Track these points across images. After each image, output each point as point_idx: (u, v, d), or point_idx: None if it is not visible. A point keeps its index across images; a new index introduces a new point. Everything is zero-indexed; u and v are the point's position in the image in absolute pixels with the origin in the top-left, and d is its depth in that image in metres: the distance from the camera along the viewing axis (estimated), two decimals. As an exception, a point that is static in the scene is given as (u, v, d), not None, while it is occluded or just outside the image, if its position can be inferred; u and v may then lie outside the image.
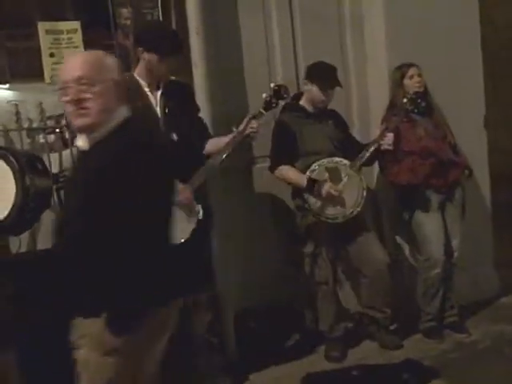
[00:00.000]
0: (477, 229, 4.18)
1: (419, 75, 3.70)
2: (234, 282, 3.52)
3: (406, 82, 3.70)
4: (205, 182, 3.06)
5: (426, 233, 3.68)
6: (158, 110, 3.05)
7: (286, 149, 3.47)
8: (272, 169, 3.50)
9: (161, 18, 3.50)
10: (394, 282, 3.65)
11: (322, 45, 3.94)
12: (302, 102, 3.58)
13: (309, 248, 3.50)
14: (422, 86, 3.68)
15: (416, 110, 3.49)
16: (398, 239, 4.05)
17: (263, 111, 3.10)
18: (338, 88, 3.56)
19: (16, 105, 3.12)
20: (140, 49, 3.01)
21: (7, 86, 3.21)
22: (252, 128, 3.06)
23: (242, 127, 3.07)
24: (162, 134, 3.00)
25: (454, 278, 3.79)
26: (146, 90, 3.07)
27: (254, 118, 3.10)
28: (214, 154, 3.09)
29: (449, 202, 3.74)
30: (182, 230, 2.91)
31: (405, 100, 3.51)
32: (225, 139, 3.10)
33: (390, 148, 3.45)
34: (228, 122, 3.56)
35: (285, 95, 3.10)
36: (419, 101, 3.49)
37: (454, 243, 3.77)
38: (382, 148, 3.45)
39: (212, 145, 3.16)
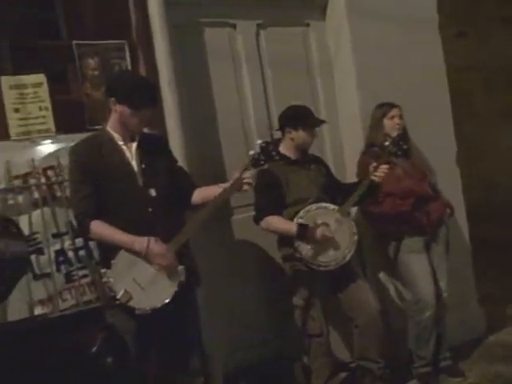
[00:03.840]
0: (458, 266, 4.13)
1: (400, 117, 3.68)
2: (221, 341, 3.33)
3: (386, 122, 3.67)
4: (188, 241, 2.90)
5: (413, 274, 3.59)
6: (133, 164, 2.89)
7: (271, 199, 3.35)
8: (257, 220, 3.36)
9: (129, 68, 3.34)
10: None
11: (292, 90, 3.89)
12: (281, 150, 3.47)
13: (299, 299, 3.35)
14: (401, 128, 3.65)
15: (399, 153, 3.43)
16: (383, 279, 3.94)
17: (251, 168, 2.91)
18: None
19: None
20: (112, 100, 2.86)
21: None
22: (247, 179, 2.86)
23: (232, 182, 2.88)
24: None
25: (445, 320, 3.70)
26: (120, 143, 2.90)
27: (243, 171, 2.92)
28: (203, 204, 2.93)
29: (433, 241, 3.67)
30: (163, 292, 2.76)
31: (387, 143, 3.45)
32: (211, 190, 2.93)
33: (380, 180, 3.35)
34: (203, 171, 3.47)
35: (273, 152, 2.93)
36: (401, 143, 3.44)
37: (442, 284, 3.69)
38: (376, 181, 3.35)
39: (200, 195, 2.99)
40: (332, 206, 3.36)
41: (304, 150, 3.49)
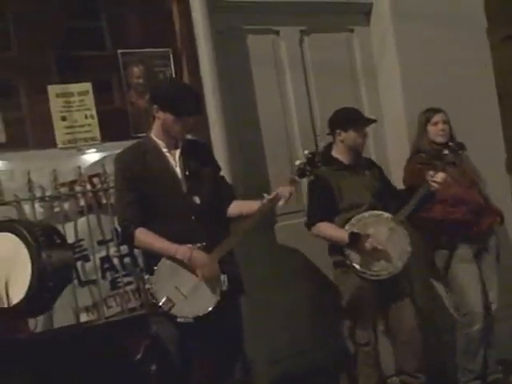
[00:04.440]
0: (508, 276, 3.99)
1: (444, 122, 3.59)
2: (264, 350, 3.30)
3: (430, 127, 3.60)
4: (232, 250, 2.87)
5: (462, 285, 3.50)
6: (177, 171, 2.88)
7: (323, 205, 3.30)
8: (309, 226, 3.32)
9: (174, 76, 3.36)
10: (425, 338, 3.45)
11: (336, 97, 3.83)
12: (334, 154, 3.42)
13: (348, 307, 3.29)
14: (445, 135, 3.57)
15: (457, 162, 3.37)
16: (438, 288, 3.84)
17: (297, 178, 2.87)
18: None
19: (28, 173, 2.93)
20: (155, 107, 2.86)
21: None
22: (288, 192, 2.80)
23: (272, 196, 2.82)
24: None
25: (494, 332, 3.59)
26: (164, 150, 2.89)
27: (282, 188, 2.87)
28: (238, 218, 2.91)
29: (484, 251, 3.58)
30: (205, 300, 2.74)
31: (446, 152, 3.37)
32: (250, 205, 2.89)
33: (439, 187, 3.28)
34: (247, 178, 3.49)
35: (318, 163, 2.89)
36: (460, 152, 3.40)
37: (491, 295, 3.59)
38: (433, 189, 3.28)
39: (237, 208, 2.95)
40: (386, 214, 3.29)
41: (356, 151, 3.43)
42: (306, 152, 2.91)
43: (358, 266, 3.21)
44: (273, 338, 3.45)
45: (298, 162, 2.89)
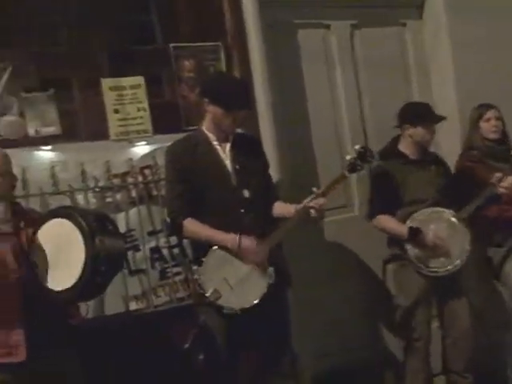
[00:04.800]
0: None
1: (497, 119, 3.52)
2: (311, 344, 3.29)
3: (482, 124, 3.53)
4: (280, 243, 2.89)
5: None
6: (227, 164, 2.90)
7: (386, 198, 3.27)
8: (370, 218, 3.31)
9: (224, 70, 3.38)
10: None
11: (387, 92, 3.82)
12: (400, 148, 3.38)
13: (404, 300, 3.25)
14: (498, 131, 3.50)
15: None
16: (497, 284, 3.74)
17: (347, 174, 2.87)
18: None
19: (81, 164, 3.00)
20: (205, 100, 2.89)
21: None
22: (316, 205, 2.78)
23: (301, 206, 2.81)
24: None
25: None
26: (215, 143, 2.92)
27: (336, 182, 2.87)
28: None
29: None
30: (251, 292, 2.75)
31: None
32: (288, 208, 2.89)
33: (507, 191, 3.23)
34: (295, 172, 3.48)
35: (369, 158, 2.88)
36: None
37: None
38: (499, 192, 3.24)
39: (279, 209, 2.96)
40: (447, 211, 3.24)
41: (423, 147, 3.37)
42: (357, 147, 2.90)
43: (416, 262, 3.18)
44: (319, 335, 3.43)
45: (348, 157, 2.88)
